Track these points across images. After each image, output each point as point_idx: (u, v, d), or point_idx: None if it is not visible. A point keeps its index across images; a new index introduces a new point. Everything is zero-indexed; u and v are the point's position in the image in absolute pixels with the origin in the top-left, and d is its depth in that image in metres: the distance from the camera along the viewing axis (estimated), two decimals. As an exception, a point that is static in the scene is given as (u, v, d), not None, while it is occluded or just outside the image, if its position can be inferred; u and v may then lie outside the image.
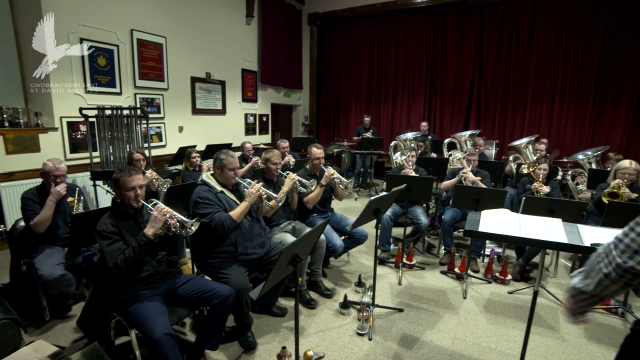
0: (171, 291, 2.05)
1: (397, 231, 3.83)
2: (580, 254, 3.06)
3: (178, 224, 1.96)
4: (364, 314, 2.55)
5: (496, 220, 1.84)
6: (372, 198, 2.37)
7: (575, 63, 6.39)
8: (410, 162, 3.78)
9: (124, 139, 4.30)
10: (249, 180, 2.62)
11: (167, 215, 1.92)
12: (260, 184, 2.49)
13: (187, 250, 3.30)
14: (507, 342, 2.45)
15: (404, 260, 3.46)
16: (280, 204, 2.67)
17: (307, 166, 3.38)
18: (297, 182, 2.97)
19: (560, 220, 1.82)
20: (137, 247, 1.83)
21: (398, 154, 3.96)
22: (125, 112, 4.33)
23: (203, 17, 5.99)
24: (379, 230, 2.79)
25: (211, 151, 4.50)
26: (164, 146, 5.53)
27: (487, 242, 3.73)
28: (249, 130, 7.45)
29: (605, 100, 6.23)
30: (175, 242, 2.24)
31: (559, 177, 4.18)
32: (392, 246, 3.81)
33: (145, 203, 2.02)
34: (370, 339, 2.44)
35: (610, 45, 6.04)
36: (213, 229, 2.25)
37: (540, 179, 3.47)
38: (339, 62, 8.70)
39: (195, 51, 5.92)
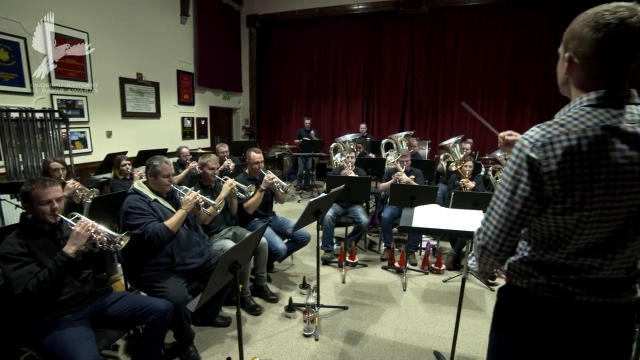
0: (99, 312, 1.87)
1: (340, 231, 3.93)
2: None
3: (105, 238, 1.80)
4: (310, 315, 2.57)
5: (427, 215, 1.98)
6: (312, 200, 2.40)
7: (492, 70, 7.21)
8: (349, 163, 3.91)
9: (38, 146, 3.82)
10: (185, 187, 2.50)
11: (92, 230, 1.74)
12: (197, 191, 2.39)
13: (119, 265, 3.05)
14: (443, 326, 2.64)
15: (347, 259, 3.56)
16: (218, 210, 2.59)
17: (246, 170, 3.33)
18: (236, 188, 2.91)
19: (481, 211, 2.01)
20: (55, 269, 1.63)
21: (338, 155, 4.07)
22: (39, 115, 3.86)
23: (132, 13, 5.55)
24: (320, 231, 2.83)
25: (144, 157, 4.19)
26: (89, 153, 5.03)
27: (423, 236, 3.99)
28: (187, 134, 7.10)
29: (516, 103, 7.11)
30: (103, 258, 2.06)
31: (482, 173, 4.62)
32: (335, 246, 3.90)
33: (64, 218, 1.81)
34: (316, 340, 2.47)
35: (518, 54, 6.92)
36: (147, 240, 2.10)
37: (467, 175, 3.81)
38: (278, 64, 8.69)
39: (124, 50, 5.47)
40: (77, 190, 2.88)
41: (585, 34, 0.81)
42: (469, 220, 1.90)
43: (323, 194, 2.58)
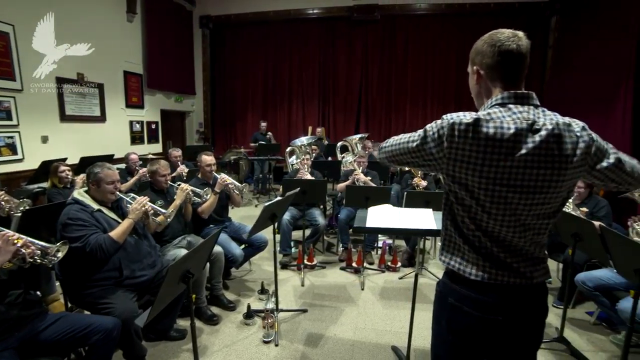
0: (31, 339, 1.66)
1: (297, 234, 3.93)
2: None
3: (38, 252, 1.63)
4: (269, 321, 2.54)
5: (380, 215, 2.04)
6: (267, 204, 2.39)
7: (440, 76, 7.65)
8: (305, 166, 3.93)
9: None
10: (132, 195, 2.36)
11: (19, 244, 1.57)
12: (146, 198, 2.26)
13: (57, 283, 2.79)
14: (400, 322, 2.73)
15: (305, 261, 3.57)
16: (169, 219, 2.48)
17: (199, 175, 3.23)
18: (191, 193, 2.81)
19: (431, 210, 2.11)
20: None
21: (293, 158, 4.08)
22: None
23: (70, 7, 5.08)
24: (277, 235, 2.81)
25: (87, 164, 3.89)
26: (19, 160, 4.55)
27: (379, 235, 4.11)
28: (136, 139, 6.70)
29: (462, 106, 7.60)
30: (38, 275, 1.88)
31: (433, 173, 4.87)
32: (293, 249, 3.89)
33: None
34: (276, 345, 2.44)
35: (463, 61, 7.38)
36: (89, 254, 1.95)
37: (419, 175, 3.99)
38: (233, 67, 8.52)
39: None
40: (2, 202, 2.57)
41: (486, 49, 1.03)
42: (420, 218, 1.99)
43: (278, 198, 2.57)
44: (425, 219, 1.99)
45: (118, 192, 2.22)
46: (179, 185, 2.81)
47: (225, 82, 8.66)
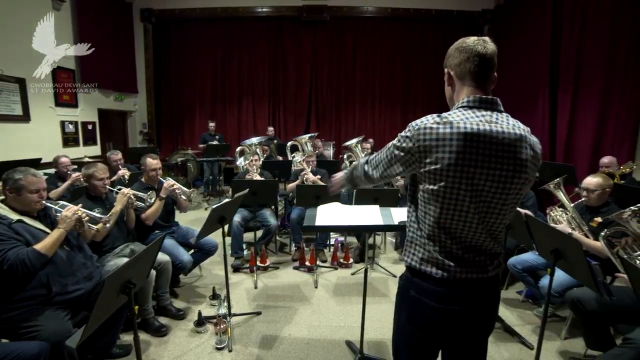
0: None
1: (249, 236, 3.87)
2: (393, 231, 3.78)
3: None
4: (221, 327, 2.47)
5: (330, 213, 2.08)
6: (214, 206, 2.32)
7: (387, 77, 7.97)
8: (254, 167, 3.88)
9: None
10: (62, 202, 2.16)
11: None
12: (79, 205, 2.08)
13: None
14: (353, 317, 2.80)
15: (258, 263, 3.53)
16: (108, 225, 2.31)
17: (143, 179, 3.04)
18: (133, 197, 2.64)
19: (377, 206, 2.19)
20: None
21: (242, 159, 4.00)
22: None
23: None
24: (226, 238, 2.74)
25: (5, 170, 3.48)
26: None
27: (331, 233, 4.18)
28: (69, 141, 6.10)
29: (408, 105, 8.01)
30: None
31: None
32: (245, 251, 3.82)
33: None
34: (230, 351, 2.39)
35: (408, 61, 7.80)
36: (7, 271, 1.74)
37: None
38: (179, 65, 8.11)
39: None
40: None
41: (456, 53, 1.10)
42: (367, 214, 2.06)
43: (227, 200, 2.51)
44: (372, 215, 2.06)
45: (44, 201, 2.02)
46: (119, 190, 2.62)
47: (172, 81, 8.23)
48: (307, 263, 3.64)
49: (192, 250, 3.11)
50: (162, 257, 2.65)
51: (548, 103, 5.53)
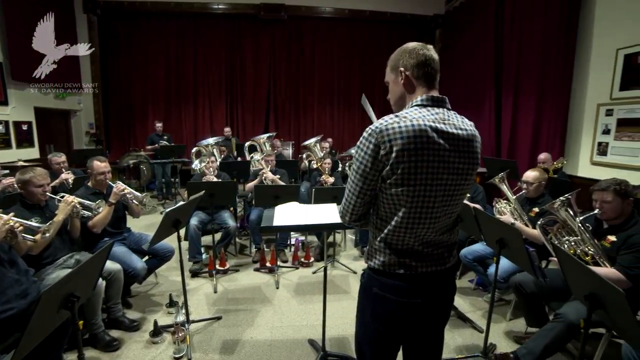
0: None
1: (208, 239, 3.76)
2: (350, 228, 3.85)
3: None
4: (180, 335, 2.37)
5: (287, 214, 2.08)
6: (168, 210, 2.23)
7: (345, 77, 8.11)
8: (210, 168, 3.77)
9: None
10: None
11: None
12: (10, 215, 1.90)
13: None
14: (315, 315, 2.82)
15: (217, 266, 3.44)
16: (47, 235, 2.13)
17: (89, 183, 2.84)
18: (78, 206, 2.45)
19: (335, 204, 2.22)
20: None
21: (198, 160, 3.88)
22: None
23: None
24: (184, 242, 2.64)
25: None
26: None
27: (292, 232, 4.18)
28: (-1, 142, 5.53)
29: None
30: None
31: (340, 169, 5.14)
32: (203, 255, 3.70)
33: None
34: (189, 359, 2.30)
35: (365, 62, 7.98)
36: None
37: (327, 172, 4.17)
38: (130, 62, 7.64)
39: None
40: None
41: (411, 55, 1.13)
42: (325, 213, 2.08)
43: (181, 203, 2.41)
44: (330, 213, 2.09)
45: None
46: (62, 197, 2.42)
47: (121, 78, 7.72)
48: (268, 264, 3.60)
49: (146, 257, 2.96)
50: (112, 265, 2.49)
51: (494, 104, 5.94)
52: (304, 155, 5.08)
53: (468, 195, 3.35)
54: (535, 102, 5.13)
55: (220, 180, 3.78)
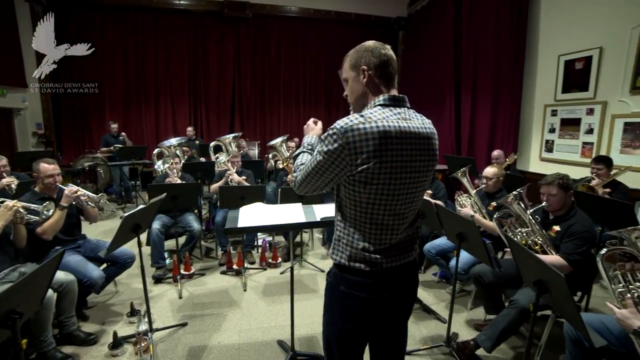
0: None
1: (171, 243, 3.63)
2: (317, 227, 3.90)
3: None
4: (142, 345, 2.27)
5: (252, 214, 2.05)
6: (126, 214, 2.12)
7: (311, 76, 8.13)
8: (174, 170, 3.64)
9: None
10: None
11: None
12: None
13: None
14: (284, 316, 2.80)
15: (182, 271, 3.33)
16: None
17: (37, 188, 2.64)
18: (22, 211, 2.27)
19: (300, 204, 2.22)
20: None
21: (160, 162, 3.72)
22: None
23: None
24: (142, 248, 2.51)
25: None
26: None
27: (259, 233, 4.13)
28: None
29: (331, 104, 8.30)
30: None
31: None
32: (167, 260, 3.56)
33: None
34: (152, 369, 2.21)
35: (330, 62, 8.08)
36: None
37: (293, 171, 4.15)
38: (83, 57, 7.05)
39: None
40: None
41: (372, 54, 1.13)
42: (290, 213, 2.07)
43: (141, 206, 2.31)
44: (295, 213, 2.09)
45: None
46: (2, 202, 2.23)
47: (74, 75, 7.15)
48: (234, 266, 3.53)
49: (104, 265, 2.80)
50: (63, 276, 2.32)
51: (454, 104, 6.21)
52: (270, 155, 5.04)
53: (430, 192, 3.48)
54: (491, 103, 5.43)
55: (183, 182, 3.66)
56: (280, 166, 4.26)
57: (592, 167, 3.39)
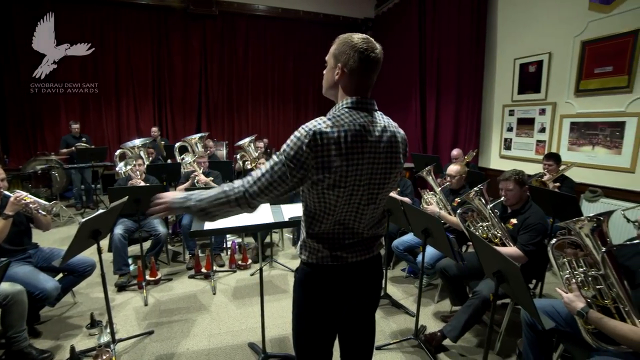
0: None
1: (135, 248, 3.48)
2: (285, 227, 3.87)
3: None
4: (104, 358, 2.16)
5: (220, 216, 2.00)
6: (84, 220, 2.00)
7: (279, 76, 8.08)
8: (137, 172, 3.49)
9: None
10: None
11: None
12: None
13: None
14: (254, 318, 2.77)
15: (147, 277, 3.20)
16: None
17: (-23, 195, 2.43)
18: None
19: (268, 204, 2.20)
20: None
21: (122, 163, 3.55)
22: None
23: None
24: (102, 255, 2.38)
25: None
26: None
27: (228, 235, 4.05)
28: None
29: (300, 104, 8.32)
30: None
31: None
32: (131, 266, 3.41)
33: None
34: (116, 381, 2.11)
35: (299, 62, 8.07)
36: None
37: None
38: (29, 52, 6.46)
39: None
40: None
41: (352, 53, 1.09)
42: (259, 213, 2.05)
43: (100, 211, 2.18)
44: (263, 213, 2.07)
45: None
46: None
47: (20, 71, 6.56)
48: (203, 270, 3.44)
49: (60, 275, 2.62)
50: (10, 288, 2.13)
51: (419, 104, 6.40)
52: (238, 156, 4.95)
53: (398, 189, 3.57)
54: (454, 103, 5.66)
55: (147, 184, 3.51)
56: (249, 166, 4.20)
57: (544, 163, 3.63)
